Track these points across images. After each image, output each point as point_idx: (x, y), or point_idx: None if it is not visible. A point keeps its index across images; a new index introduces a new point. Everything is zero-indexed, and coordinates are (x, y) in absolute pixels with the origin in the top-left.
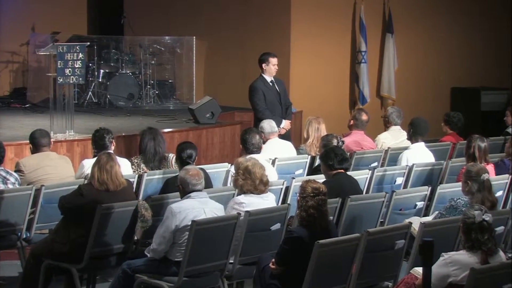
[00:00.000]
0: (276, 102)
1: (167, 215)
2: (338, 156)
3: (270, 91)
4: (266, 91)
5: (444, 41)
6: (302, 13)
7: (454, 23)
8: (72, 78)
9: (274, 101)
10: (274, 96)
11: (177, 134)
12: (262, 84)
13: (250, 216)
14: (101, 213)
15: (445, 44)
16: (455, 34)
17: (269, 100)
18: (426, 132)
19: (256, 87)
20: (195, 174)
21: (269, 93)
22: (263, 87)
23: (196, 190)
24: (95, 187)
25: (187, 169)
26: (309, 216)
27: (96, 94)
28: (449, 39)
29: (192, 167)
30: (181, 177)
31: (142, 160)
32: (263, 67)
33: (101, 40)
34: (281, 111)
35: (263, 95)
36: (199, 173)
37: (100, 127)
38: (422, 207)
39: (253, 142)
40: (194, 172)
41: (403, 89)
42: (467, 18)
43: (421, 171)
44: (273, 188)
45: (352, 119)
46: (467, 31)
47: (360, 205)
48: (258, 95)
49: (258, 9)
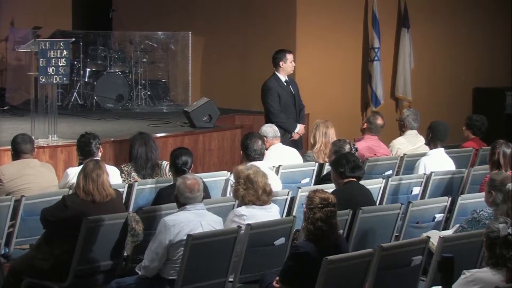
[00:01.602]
0: (291, 104)
1: (160, 229)
2: (351, 163)
3: (285, 92)
4: (281, 92)
5: (466, 36)
6: (309, 6)
7: (478, 17)
8: (56, 78)
9: (288, 102)
10: (289, 97)
11: (171, 139)
12: (276, 83)
13: (251, 230)
14: (87, 226)
15: (468, 40)
16: (478, 29)
17: (283, 102)
18: (445, 137)
19: (271, 86)
20: (192, 184)
21: (284, 94)
22: (277, 87)
23: (191, 203)
24: (81, 198)
25: (185, 177)
26: (317, 229)
27: (81, 95)
28: (472, 35)
29: (191, 176)
30: (177, 185)
31: (132, 167)
32: (280, 65)
33: (87, 35)
34: (295, 114)
35: (278, 96)
36: (198, 184)
37: (86, 132)
38: (442, 219)
39: (255, 148)
40: (192, 182)
41: (420, 90)
42: (492, 12)
43: (440, 180)
44: (277, 198)
45: (366, 122)
46: (491, 26)
47: (373, 217)
48: (272, 96)
49: (260, 1)
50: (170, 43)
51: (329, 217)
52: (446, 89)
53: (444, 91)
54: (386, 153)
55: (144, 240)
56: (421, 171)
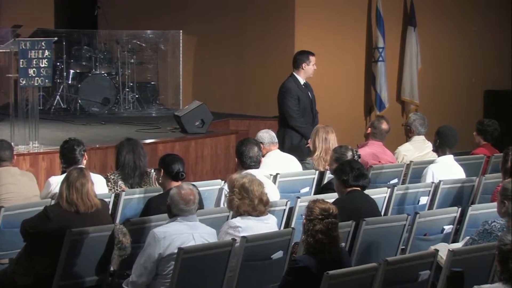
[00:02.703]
0: (309, 108)
1: (149, 241)
2: (355, 170)
3: (304, 95)
4: (300, 95)
5: (477, 35)
6: (308, 4)
7: (489, 14)
8: (37, 80)
9: (307, 107)
10: (307, 101)
11: (161, 145)
12: (295, 85)
13: (247, 243)
14: (71, 239)
15: (479, 39)
16: (490, 27)
17: (302, 106)
18: (455, 143)
19: (290, 88)
20: (188, 195)
21: (303, 97)
22: (296, 89)
23: (185, 215)
24: (64, 209)
25: (181, 187)
26: (317, 242)
27: (65, 98)
28: (483, 33)
29: (188, 186)
30: (171, 195)
31: (119, 176)
32: (302, 67)
33: (71, 34)
34: (312, 118)
35: (298, 99)
36: (193, 196)
37: (69, 138)
38: (451, 231)
39: (251, 155)
40: (187, 193)
41: (427, 93)
42: (504, 10)
43: (450, 189)
44: (274, 209)
45: (370, 127)
46: (504, 24)
47: (378, 229)
48: (292, 98)
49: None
50: (160, 43)
51: (330, 229)
52: (455, 92)
53: (454, 93)
54: (392, 160)
55: (132, 254)
56: (429, 179)
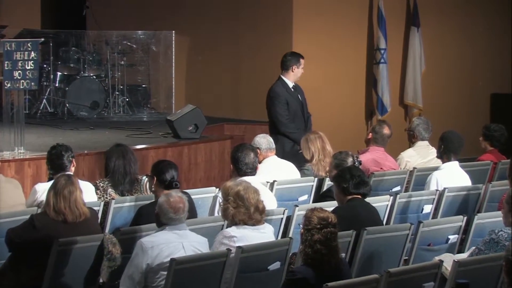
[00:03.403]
0: (299, 112)
1: (136, 252)
2: (355, 178)
3: (293, 98)
4: (290, 99)
5: (484, 36)
6: (306, 4)
7: (496, 14)
8: (23, 83)
9: (297, 111)
10: (297, 104)
11: (153, 151)
12: (283, 89)
13: (243, 253)
14: (58, 249)
15: (485, 40)
16: (498, 28)
17: (292, 110)
18: (460, 148)
19: (278, 93)
20: (176, 203)
21: (293, 101)
22: (284, 93)
23: (174, 224)
24: (51, 218)
25: (170, 195)
26: (316, 252)
27: (52, 102)
28: (489, 35)
29: (177, 194)
30: (160, 203)
31: (109, 183)
32: (291, 70)
33: (58, 35)
34: (303, 122)
35: (287, 103)
36: (182, 204)
37: (57, 143)
38: (456, 241)
39: (247, 161)
40: (176, 201)
41: (432, 96)
42: (511, 9)
43: (455, 197)
44: (271, 218)
45: (371, 132)
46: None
47: (379, 239)
48: (281, 103)
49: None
50: (151, 44)
51: (328, 239)
52: (461, 95)
53: (459, 97)
54: (394, 167)
55: (122, 265)
56: (433, 187)
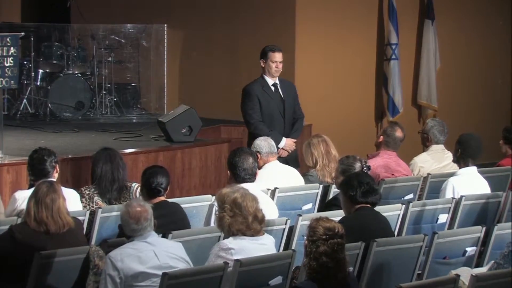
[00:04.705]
0: (277, 113)
1: (105, 269)
2: (363, 185)
3: (270, 98)
4: (264, 98)
5: (504, 30)
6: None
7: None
8: (1, 81)
9: (273, 111)
10: (275, 105)
11: (143, 156)
12: (259, 88)
13: (241, 267)
14: (40, 263)
15: (505, 35)
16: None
17: (266, 110)
18: (478, 153)
19: (249, 91)
20: (138, 213)
21: (268, 101)
22: (259, 92)
23: (139, 234)
24: (32, 228)
25: (130, 205)
26: (321, 266)
27: (33, 102)
28: (510, 28)
29: (137, 202)
30: (121, 215)
31: (95, 190)
32: (262, 65)
33: (40, 29)
34: (283, 125)
35: (258, 103)
36: (146, 212)
37: (38, 147)
38: (474, 254)
39: (245, 166)
40: (136, 211)
41: (447, 96)
42: None
43: (472, 206)
44: (272, 228)
45: (382, 135)
46: None
47: (390, 251)
48: (250, 102)
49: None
50: (142, 38)
51: (335, 251)
52: (479, 95)
53: (477, 97)
54: (406, 173)
55: None
56: (449, 194)
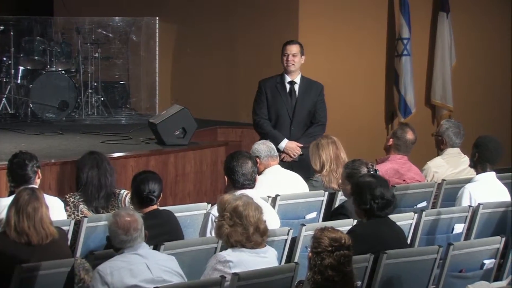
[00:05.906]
0: (284, 112)
1: (92, 283)
2: (377, 199)
3: (279, 96)
4: (273, 95)
5: None
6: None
7: None
8: None
9: (280, 110)
10: (284, 104)
11: (132, 160)
12: (272, 83)
13: (240, 281)
14: (21, 276)
15: None
16: None
17: (272, 108)
18: (498, 157)
19: (260, 85)
20: (127, 223)
21: (276, 98)
22: (271, 87)
23: (129, 246)
24: (12, 239)
25: (118, 214)
26: (326, 280)
27: (12, 102)
28: None
29: (126, 212)
30: (108, 226)
31: (81, 198)
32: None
33: (20, 22)
34: (289, 127)
35: (266, 100)
36: (134, 222)
37: (19, 151)
38: (493, 266)
39: (244, 171)
40: (125, 221)
41: (463, 95)
42: None
43: (491, 214)
44: (273, 239)
45: (392, 137)
46: None
47: (402, 263)
48: (258, 97)
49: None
50: (131, 33)
51: (342, 263)
52: (498, 94)
53: (496, 96)
54: (419, 179)
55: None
56: (465, 202)
